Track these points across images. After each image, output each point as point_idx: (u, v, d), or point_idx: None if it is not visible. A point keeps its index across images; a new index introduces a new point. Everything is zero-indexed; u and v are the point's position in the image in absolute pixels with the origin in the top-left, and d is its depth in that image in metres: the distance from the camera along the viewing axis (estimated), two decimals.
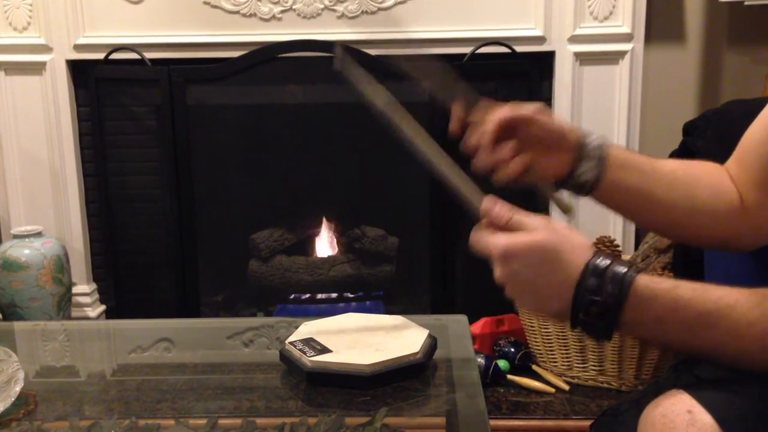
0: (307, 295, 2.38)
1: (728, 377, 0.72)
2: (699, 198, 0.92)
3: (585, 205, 1.00)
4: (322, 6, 2.12)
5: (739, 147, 0.94)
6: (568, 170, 0.94)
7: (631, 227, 2.19)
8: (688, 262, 1.54)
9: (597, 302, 0.72)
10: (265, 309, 2.36)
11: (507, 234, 0.76)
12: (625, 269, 0.72)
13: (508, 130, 0.92)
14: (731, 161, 0.95)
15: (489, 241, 0.76)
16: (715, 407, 0.67)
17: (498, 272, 0.76)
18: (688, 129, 1.68)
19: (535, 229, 0.75)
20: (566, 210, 1.02)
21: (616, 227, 2.17)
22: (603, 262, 0.73)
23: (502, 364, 1.86)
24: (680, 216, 0.91)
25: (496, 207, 0.78)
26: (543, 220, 0.76)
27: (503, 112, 0.92)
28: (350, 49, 0.87)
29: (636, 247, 2.08)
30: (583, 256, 0.74)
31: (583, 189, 0.94)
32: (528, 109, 0.93)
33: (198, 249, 2.24)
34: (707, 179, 0.93)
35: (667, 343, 0.75)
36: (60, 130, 2.21)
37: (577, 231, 0.77)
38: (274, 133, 2.38)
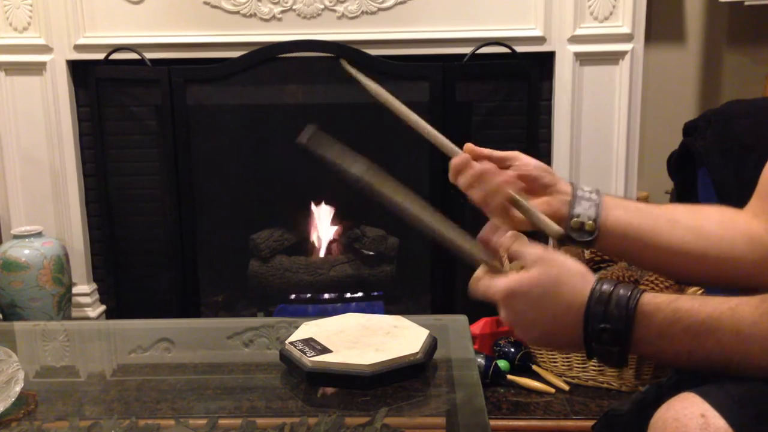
0: (308, 296, 2.38)
1: (760, 400, 0.71)
2: (707, 240, 0.87)
3: None
4: (322, 6, 2.12)
5: (761, 185, 0.90)
6: (565, 214, 0.90)
7: None
8: None
9: (607, 329, 0.72)
10: (265, 309, 2.36)
11: (504, 277, 0.77)
12: (629, 291, 0.73)
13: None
14: (754, 201, 0.90)
15: (488, 285, 0.77)
16: (728, 411, 0.66)
17: (503, 314, 0.77)
18: (688, 129, 1.68)
19: (533, 264, 0.75)
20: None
21: None
22: (606, 287, 0.74)
23: (502, 364, 1.86)
24: (689, 258, 0.87)
25: (495, 235, 0.78)
26: (540, 250, 0.77)
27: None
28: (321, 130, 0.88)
29: None
30: (583, 284, 0.75)
31: (583, 233, 0.90)
32: (505, 153, 0.93)
33: (198, 249, 2.24)
34: (717, 216, 0.89)
35: (675, 356, 0.74)
36: (60, 131, 2.21)
37: (572, 258, 0.77)
38: (273, 133, 2.38)
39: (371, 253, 2.37)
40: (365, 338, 1.09)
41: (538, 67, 2.15)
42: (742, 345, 0.70)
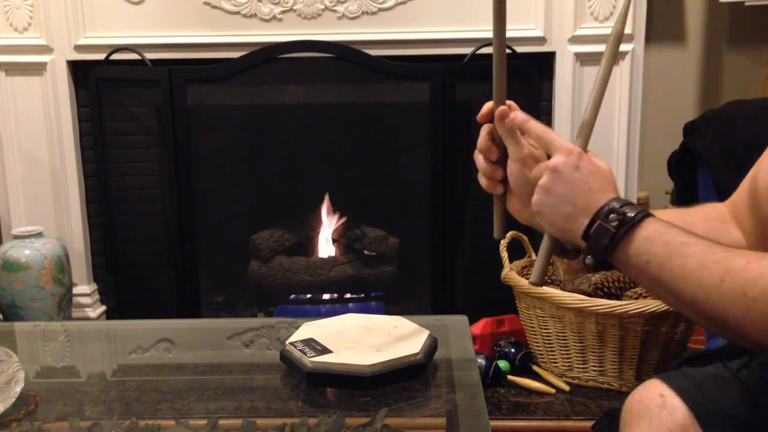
0: (308, 296, 2.38)
1: (719, 383, 0.78)
2: None
3: None
4: (322, 6, 2.12)
5: (744, 189, 0.93)
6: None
7: None
8: None
9: (619, 212, 0.78)
10: (265, 309, 2.36)
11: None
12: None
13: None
14: (736, 198, 0.95)
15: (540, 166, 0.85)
16: (686, 392, 0.74)
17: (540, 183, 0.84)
18: (689, 129, 1.68)
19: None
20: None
21: None
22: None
23: (503, 364, 1.86)
24: None
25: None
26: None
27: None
28: None
29: None
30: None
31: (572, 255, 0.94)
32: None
33: (198, 249, 2.24)
34: (702, 226, 0.93)
35: (646, 264, 0.76)
36: (60, 131, 2.21)
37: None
38: (274, 133, 2.38)
39: (371, 253, 2.37)
40: (365, 339, 1.09)
41: (538, 68, 2.15)
42: (701, 272, 0.72)
